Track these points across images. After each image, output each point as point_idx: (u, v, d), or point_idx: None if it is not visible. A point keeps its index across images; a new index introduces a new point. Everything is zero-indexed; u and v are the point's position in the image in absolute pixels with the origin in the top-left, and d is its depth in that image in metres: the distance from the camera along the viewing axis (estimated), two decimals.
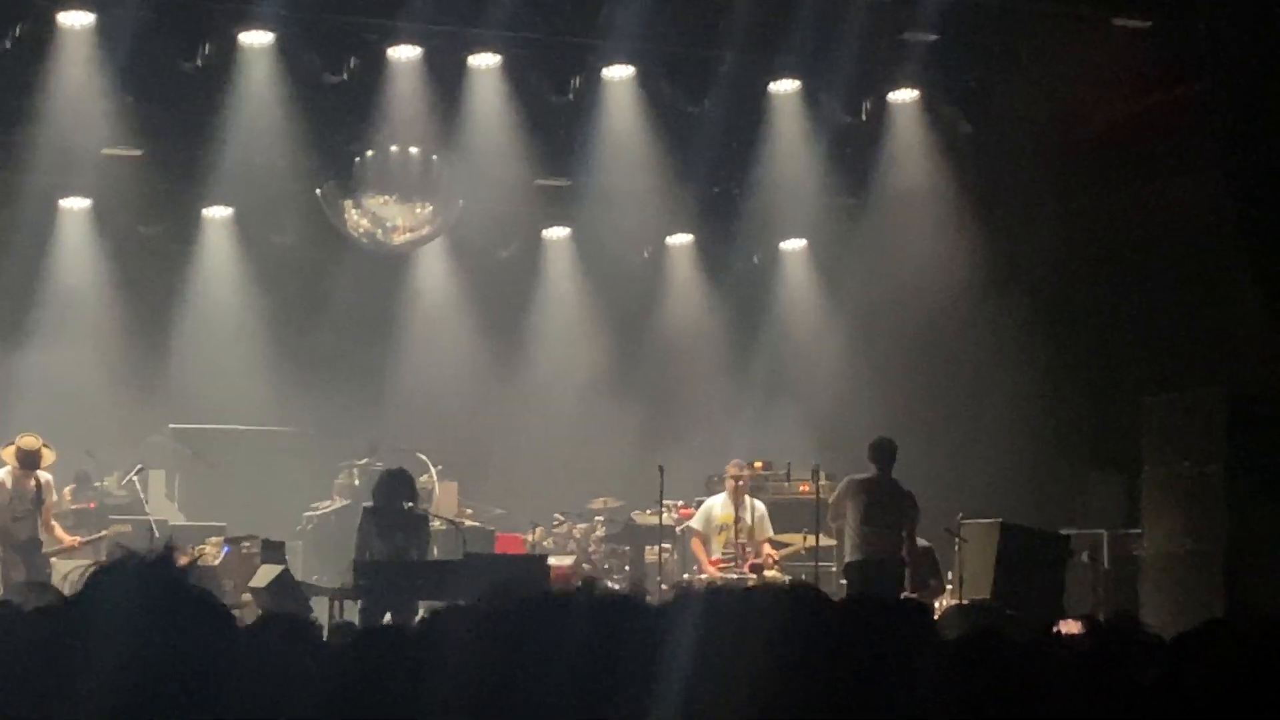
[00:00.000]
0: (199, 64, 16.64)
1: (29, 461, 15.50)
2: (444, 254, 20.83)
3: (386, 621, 12.37)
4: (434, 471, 18.62)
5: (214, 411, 19.79)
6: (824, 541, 16.16)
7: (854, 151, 19.35)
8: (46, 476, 15.70)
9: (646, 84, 18.33)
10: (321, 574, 16.59)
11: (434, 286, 21.01)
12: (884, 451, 14.84)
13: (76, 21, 16.36)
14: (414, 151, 18.97)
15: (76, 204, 19.56)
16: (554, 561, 15.88)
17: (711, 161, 18.92)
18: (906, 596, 13.33)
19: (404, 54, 17.55)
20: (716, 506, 16.21)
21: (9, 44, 16.10)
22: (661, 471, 15.88)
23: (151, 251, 19.70)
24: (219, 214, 19.98)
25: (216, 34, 16.70)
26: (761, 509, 16.24)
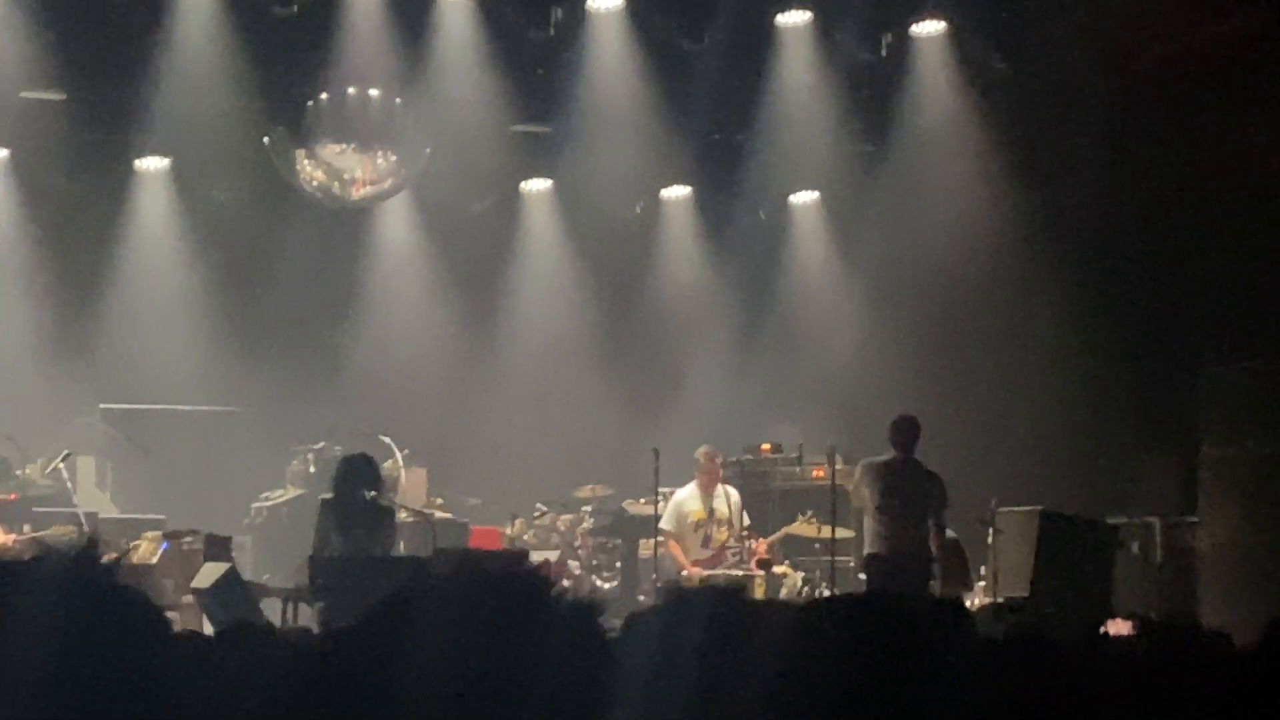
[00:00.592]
0: None
1: None
2: (409, 210, 20.81)
3: None
4: (399, 456, 18.62)
5: (150, 390, 19.77)
6: (841, 533, 16.16)
7: (872, 92, 19.33)
8: None
9: (637, 16, 18.30)
10: (273, 573, 16.59)
11: (398, 247, 20.99)
12: (905, 431, 14.86)
13: None
14: (374, 94, 18.93)
15: None
16: (536, 557, 15.89)
17: (711, 104, 18.90)
18: (941, 596, 13.33)
19: None
20: (687, 501, 16.27)
21: None
22: (656, 455, 15.90)
23: (77, 207, 19.66)
24: (153, 165, 19.94)
25: None
26: (736, 497, 16.30)
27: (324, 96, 18.79)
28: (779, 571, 15.46)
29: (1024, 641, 3.69)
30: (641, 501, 17.63)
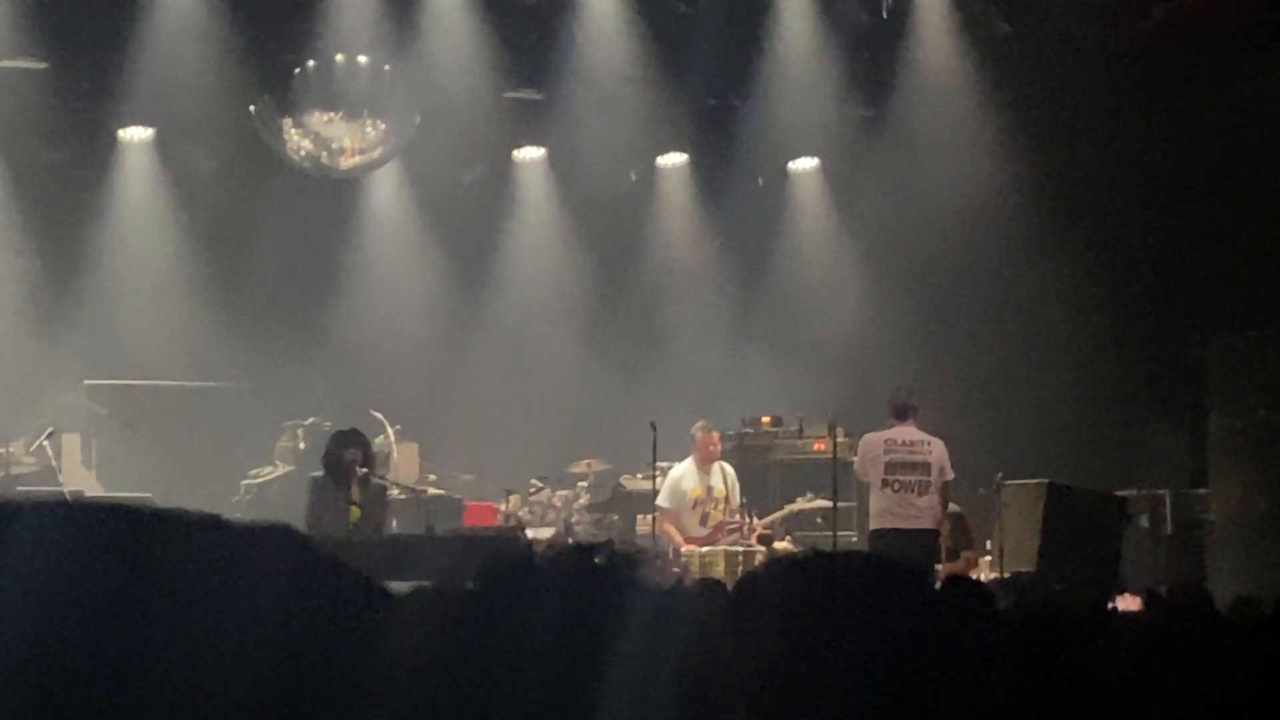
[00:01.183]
0: None
1: None
2: (398, 179, 20.77)
3: None
4: (391, 432, 18.61)
5: (135, 365, 19.75)
6: (842, 506, 16.17)
7: (873, 55, 19.31)
8: None
9: None
10: None
11: (387, 217, 20.96)
12: (907, 402, 14.86)
13: None
14: (362, 61, 18.90)
15: None
16: (532, 534, 15.89)
17: (708, 69, 18.86)
18: (954, 573, 13.32)
19: None
20: (684, 478, 16.25)
21: None
22: (654, 429, 15.88)
23: (59, 179, 19.61)
24: (136, 135, 19.89)
25: None
26: (732, 473, 16.30)
27: (311, 64, 18.75)
28: (780, 547, 15.45)
29: (1029, 616, 3.69)
30: (639, 476, 17.63)
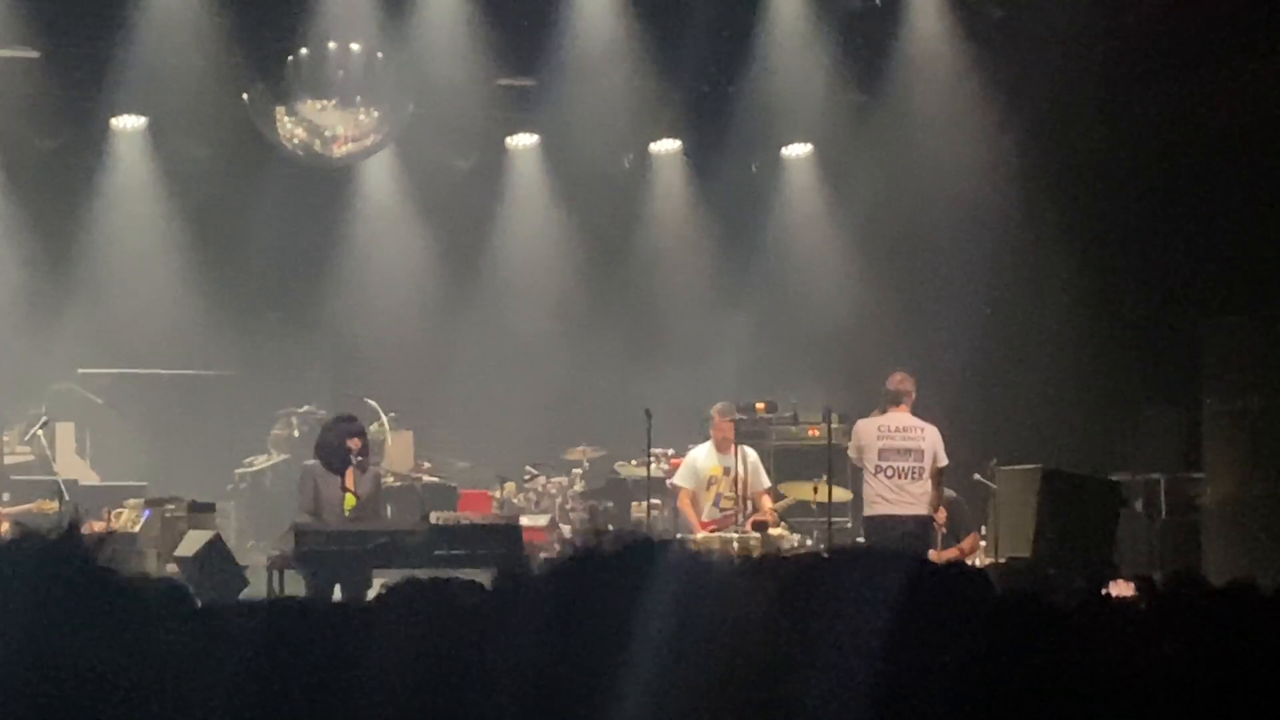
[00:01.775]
0: None
1: None
2: (391, 166, 20.75)
3: (336, 597, 12.41)
4: (385, 420, 18.62)
5: (129, 354, 19.74)
6: (838, 495, 16.17)
7: (866, 40, 19.28)
8: None
9: None
10: (257, 540, 16.60)
11: (381, 204, 20.94)
12: (900, 388, 14.87)
13: None
14: (355, 48, 18.87)
15: None
16: (526, 521, 15.89)
17: (701, 55, 18.85)
18: (949, 559, 13.33)
19: None
20: (702, 458, 16.19)
21: None
22: (648, 415, 15.87)
23: (52, 167, 19.60)
24: (129, 124, 19.87)
25: None
26: (754, 457, 16.19)
27: (303, 51, 18.73)
28: (775, 534, 15.44)
29: (1024, 603, 3.71)
30: (633, 463, 17.64)
